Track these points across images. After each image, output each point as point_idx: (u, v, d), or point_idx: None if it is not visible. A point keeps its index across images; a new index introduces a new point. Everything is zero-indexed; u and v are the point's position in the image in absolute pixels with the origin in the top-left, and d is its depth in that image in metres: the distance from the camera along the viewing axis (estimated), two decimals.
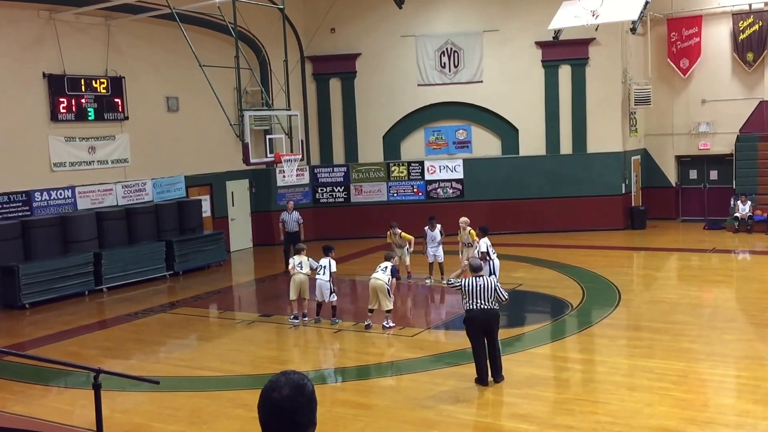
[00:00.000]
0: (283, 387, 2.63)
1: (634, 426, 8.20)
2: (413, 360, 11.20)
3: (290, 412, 2.61)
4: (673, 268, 18.49)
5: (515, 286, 15.94)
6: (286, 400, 2.61)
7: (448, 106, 22.97)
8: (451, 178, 23.13)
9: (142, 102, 19.00)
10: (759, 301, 14.13)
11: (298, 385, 2.66)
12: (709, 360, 10.49)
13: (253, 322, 14.09)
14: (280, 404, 2.61)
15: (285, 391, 2.62)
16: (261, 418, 2.65)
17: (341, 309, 15.39)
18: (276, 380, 2.67)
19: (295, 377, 2.68)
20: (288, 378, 2.67)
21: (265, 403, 2.64)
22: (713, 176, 24.02)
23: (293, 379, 2.67)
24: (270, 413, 2.62)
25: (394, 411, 9.06)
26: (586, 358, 11.33)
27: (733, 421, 8.36)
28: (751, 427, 8.17)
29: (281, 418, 2.61)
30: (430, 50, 22.80)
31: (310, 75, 23.16)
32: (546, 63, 22.51)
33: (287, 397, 2.61)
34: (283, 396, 2.61)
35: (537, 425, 8.37)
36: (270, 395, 2.63)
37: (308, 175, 23.24)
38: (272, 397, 2.62)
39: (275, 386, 2.64)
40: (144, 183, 19.17)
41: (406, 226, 22.71)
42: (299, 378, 2.68)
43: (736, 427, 8.22)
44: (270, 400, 2.62)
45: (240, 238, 22.24)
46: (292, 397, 2.62)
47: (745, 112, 23.32)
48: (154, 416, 9.18)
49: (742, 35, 22.91)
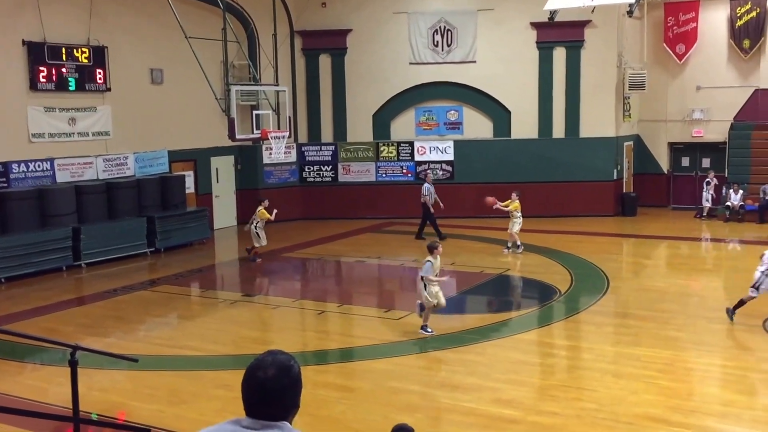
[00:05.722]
0: (269, 367, 2.60)
1: (618, 413, 8.13)
2: (398, 343, 11.04)
3: (275, 393, 2.59)
4: (663, 256, 18.34)
5: (503, 270, 15.77)
6: (271, 380, 2.59)
7: (440, 85, 22.65)
8: (442, 159, 22.85)
9: (125, 73, 18.57)
10: (747, 291, 13.96)
11: (285, 365, 2.63)
12: (695, 349, 10.45)
13: (236, 301, 13.91)
14: (266, 384, 2.58)
15: (271, 371, 2.59)
16: (244, 396, 2.63)
17: (325, 291, 15.22)
18: (262, 359, 2.64)
19: (281, 357, 2.65)
20: (275, 358, 2.64)
21: (250, 382, 2.61)
22: (706, 164, 23.82)
23: (280, 359, 2.64)
24: (255, 392, 2.60)
25: (377, 394, 8.96)
26: (573, 345, 11.27)
27: (718, 411, 8.33)
28: (736, 417, 8.14)
29: (266, 397, 2.59)
30: (423, 28, 22.42)
31: (300, 50, 22.75)
32: (541, 44, 22.19)
33: (273, 378, 2.59)
34: (268, 376, 2.59)
35: (521, 411, 8.28)
36: (255, 374, 2.60)
37: (295, 153, 22.90)
38: (257, 377, 2.59)
39: (261, 365, 2.61)
40: (126, 157, 18.79)
41: (392, 208, 22.60)
42: (286, 358, 2.66)
43: (720, 416, 8.19)
44: (255, 380, 2.60)
45: (224, 215, 21.92)
46: (278, 377, 2.60)
47: (739, 99, 23.11)
48: (132, 395, 9.06)
49: (740, 22, 22.63)
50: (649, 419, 7.94)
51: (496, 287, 14.94)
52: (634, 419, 7.95)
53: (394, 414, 8.00)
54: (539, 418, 8.07)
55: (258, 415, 2.61)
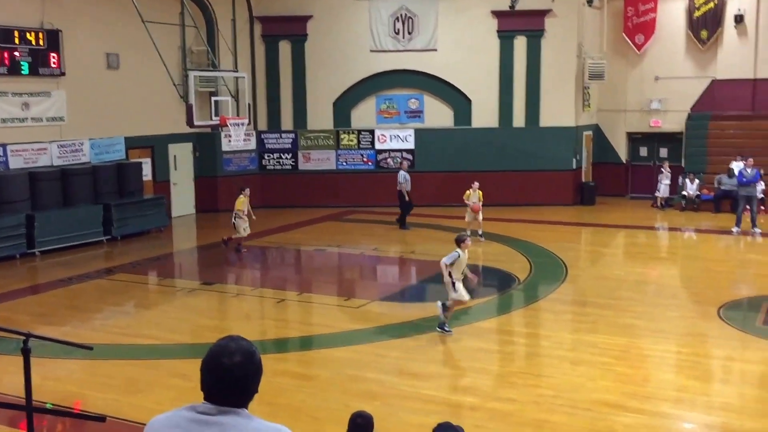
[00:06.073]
0: (234, 353, 2.56)
1: (576, 399, 8.21)
2: (357, 331, 11.02)
3: (240, 379, 2.56)
4: (620, 244, 18.57)
5: None
6: (237, 366, 2.55)
7: (401, 73, 22.57)
8: (402, 148, 22.82)
9: (80, 58, 18.14)
10: (702, 279, 14.28)
11: (249, 351, 2.60)
12: (651, 336, 10.57)
13: (194, 290, 13.75)
14: (232, 370, 2.54)
15: (237, 357, 2.56)
16: (206, 381, 2.58)
17: (285, 279, 15.12)
18: (225, 345, 2.59)
19: (244, 344, 2.62)
20: (238, 344, 2.60)
21: (214, 368, 2.56)
22: (663, 154, 24.15)
23: (243, 345, 2.61)
24: (219, 379, 2.55)
25: (337, 382, 8.94)
26: (531, 332, 11.34)
27: (673, 396, 8.46)
28: (690, 402, 8.27)
29: (230, 384, 2.55)
30: (384, 15, 22.31)
31: (259, 36, 22.46)
32: (501, 33, 22.24)
33: (239, 364, 2.55)
34: (234, 362, 2.55)
35: (480, 398, 8.33)
36: (220, 360, 2.55)
37: (255, 140, 22.66)
38: (223, 363, 2.55)
39: (225, 351, 2.57)
40: (81, 143, 18.38)
41: (353, 197, 22.54)
42: (249, 345, 2.62)
43: (675, 401, 8.32)
44: (220, 366, 2.55)
45: (182, 203, 21.59)
46: (244, 364, 2.56)
47: (697, 90, 23.45)
48: (87, 384, 8.93)
49: (697, 12, 22.94)
50: (606, 405, 8.03)
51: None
52: (591, 405, 8.03)
53: (354, 402, 7.96)
54: (498, 405, 8.11)
55: (218, 401, 2.57)
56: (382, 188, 22.55)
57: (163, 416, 2.64)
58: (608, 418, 7.71)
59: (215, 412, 2.55)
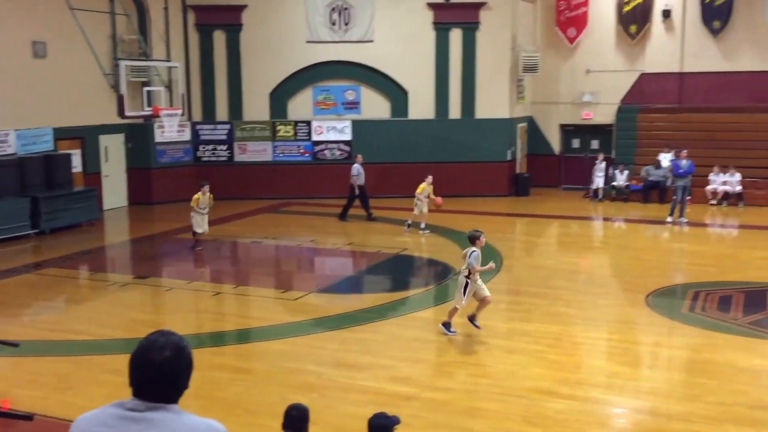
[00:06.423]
0: (164, 348, 2.51)
1: (510, 387, 8.35)
2: (295, 323, 10.97)
3: (170, 374, 2.51)
4: (554, 234, 18.94)
5: (400, 250, 15.89)
6: (167, 361, 2.50)
7: (338, 65, 22.50)
8: (339, 139, 22.77)
9: (4, 46, 17.48)
10: (631, 268, 14.66)
11: (179, 346, 2.55)
12: (583, 324, 10.82)
13: (126, 284, 13.47)
14: (162, 366, 2.49)
15: (167, 352, 2.51)
16: (135, 377, 2.52)
17: (221, 272, 14.93)
18: (155, 340, 2.54)
19: (175, 338, 2.57)
20: (168, 339, 2.55)
21: (144, 364, 2.51)
22: (595, 146, 24.70)
23: (174, 340, 2.56)
24: (148, 374, 2.50)
25: (274, 375, 8.89)
26: (467, 322, 11.38)
27: (603, 382, 8.68)
28: (620, 388, 8.50)
29: (160, 379, 2.50)
30: (320, 5, 22.17)
31: (193, 25, 22.05)
32: (438, 25, 22.37)
33: (169, 359, 2.50)
34: (164, 357, 2.50)
35: (416, 387, 8.39)
36: (149, 355, 2.50)
37: (189, 131, 22.27)
38: (152, 358, 2.50)
39: (155, 346, 2.52)
40: (6, 134, 17.75)
41: (289, 188, 22.38)
42: (179, 339, 2.58)
43: (605, 387, 8.54)
44: (150, 361, 2.50)
45: (114, 195, 21.09)
46: (174, 359, 2.51)
47: (626, 83, 24.05)
48: (14, 382, 8.68)
49: (627, 7, 23.50)
50: (539, 392, 8.19)
51: (393, 267, 15.04)
52: (524, 392, 8.18)
53: (291, 394, 7.93)
54: (434, 394, 8.20)
55: (147, 396, 2.52)
56: (319, 180, 22.50)
57: (90, 414, 2.58)
58: (541, 404, 7.88)
59: (144, 408, 2.51)
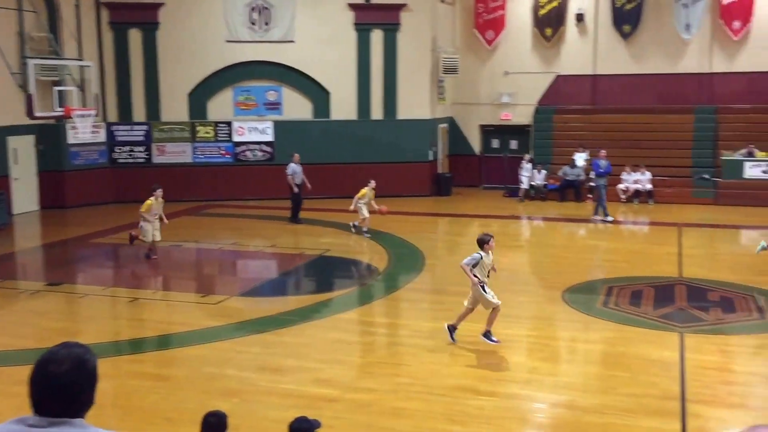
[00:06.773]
0: (63, 361, 2.42)
1: (432, 386, 8.42)
2: (216, 328, 10.78)
3: (69, 389, 2.41)
4: (475, 233, 18.97)
5: (323, 251, 15.82)
6: (65, 375, 2.41)
7: (259, 65, 22.26)
8: (261, 140, 22.52)
9: None
10: (550, 266, 15.01)
11: (81, 359, 2.45)
12: (503, 321, 10.85)
13: (38, 291, 12.97)
14: (59, 379, 2.40)
15: (65, 365, 2.41)
16: (33, 393, 2.43)
17: (139, 277, 14.54)
18: (55, 352, 2.46)
19: (77, 351, 2.48)
20: (69, 351, 2.46)
21: (41, 378, 2.42)
22: (513, 146, 25.17)
23: (75, 352, 2.47)
24: (45, 388, 2.41)
25: (194, 381, 8.71)
26: (391, 322, 11.51)
27: (523, 378, 8.85)
28: (539, 383, 8.69)
29: (58, 394, 2.40)
30: (239, 4, 21.87)
31: (107, 23, 21.41)
32: (359, 26, 22.38)
33: (67, 372, 2.41)
34: (62, 371, 2.40)
35: (339, 389, 8.38)
36: (46, 369, 2.41)
37: (104, 132, 21.61)
38: (49, 371, 2.41)
39: (53, 359, 2.43)
40: None
41: (210, 190, 22.01)
42: (82, 351, 2.49)
43: (525, 383, 8.70)
44: (46, 375, 2.41)
45: (24, 199, 20.27)
46: (73, 372, 2.42)
47: (543, 85, 24.62)
48: None
49: (542, 11, 24.05)
50: (460, 390, 8.29)
51: (316, 268, 14.96)
52: (446, 391, 8.26)
53: (212, 400, 7.79)
54: (357, 395, 8.20)
55: (48, 412, 2.42)
56: (241, 181, 22.21)
57: None
58: (462, 402, 7.97)
59: (46, 424, 2.42)
